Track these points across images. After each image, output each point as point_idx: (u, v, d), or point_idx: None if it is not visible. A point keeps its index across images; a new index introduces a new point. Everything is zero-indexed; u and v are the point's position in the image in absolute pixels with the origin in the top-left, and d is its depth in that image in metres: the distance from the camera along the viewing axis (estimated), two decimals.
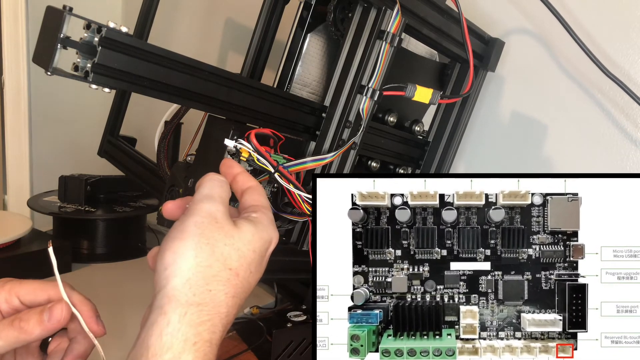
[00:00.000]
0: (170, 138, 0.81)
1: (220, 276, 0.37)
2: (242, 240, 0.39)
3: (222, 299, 0.36)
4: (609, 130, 0.92)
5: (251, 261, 0.39)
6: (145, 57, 0.46)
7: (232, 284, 0.37)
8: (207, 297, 0.35)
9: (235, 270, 0.37)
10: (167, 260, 0.36)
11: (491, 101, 1.03)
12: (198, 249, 0.36)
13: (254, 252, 0.39)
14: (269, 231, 0.41)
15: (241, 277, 0.38)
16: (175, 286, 0.35)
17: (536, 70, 0.98)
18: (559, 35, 0.88)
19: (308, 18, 0.69)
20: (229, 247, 0.38)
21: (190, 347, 0.34)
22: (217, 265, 0.37)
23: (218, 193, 0.40)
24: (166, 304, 0.35)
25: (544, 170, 0.98)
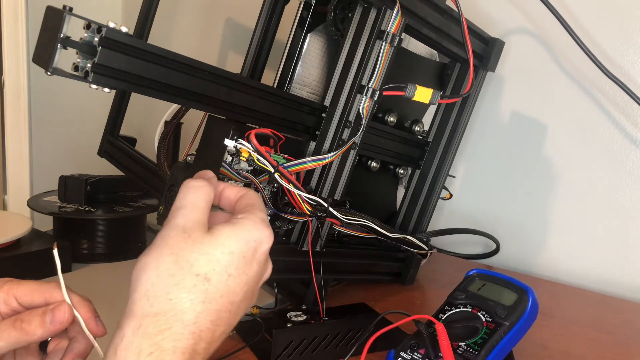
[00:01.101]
0: (170, 138, 0.81)
1: (183, 284, 0.36)
2: (213, 244, 0.37)
3: (186, 305, 0.35)
4: (609, 130, 0.92)
5: (228, 264, 0.37)
6: (145, 57, 0.46)
7: (201, 290, 0.36)
8: (167, 305, 0.35)
9: (203, 275, 0.36)
10: (133, 277, 0.36)
11: (491, 101, 1.03)
12: (160, 259, 0.36)
13: (231, 254, 0.38)
14: (254, 231, 0.39)
15: (214, 281, 0.37)
16: (134, 300, 0.35)
17: (536, 70, 0.98)
18: (559, 35, 0.88)
19: (308, 18, 0.69)
20: (195, 253, 0.37)
21: (144, 357, 0.33)
22: (181, 273, 0.36)
23: (191, 201, 0.39)
24: (123, 319, 0.35)
25: (544, 170, 0.98)
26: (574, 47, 0.85)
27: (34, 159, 1.40)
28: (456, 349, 0.50)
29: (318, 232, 0.66)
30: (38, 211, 0.99)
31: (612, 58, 0.89)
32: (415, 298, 0.81)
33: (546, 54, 0.97)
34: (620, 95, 0.87)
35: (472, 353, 0.49)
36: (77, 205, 1.01)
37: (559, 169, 0.97)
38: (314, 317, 0.60)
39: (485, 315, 0.53)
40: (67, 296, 0.42)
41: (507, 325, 0.51)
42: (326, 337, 0.59)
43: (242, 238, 0.38)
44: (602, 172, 0.92)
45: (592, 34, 0.90)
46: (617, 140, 0.91)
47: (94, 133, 1.04)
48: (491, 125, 1.04)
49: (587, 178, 0.94)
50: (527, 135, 1.00)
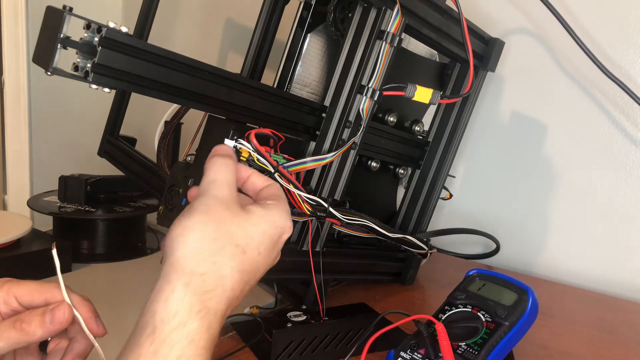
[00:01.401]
0: (170, 138, 0.81)
1: (225, 250, 0.37)
2: (250, 222, 0.39)
3: (226, 271, 0.37)
4: (609, 130, 0.92)
5: (260, 243, 0.39)
6: (145, 57, 0.46)
7: (239, 260, 0.38)
8: (211, 268, 0.36)
9: (242, 247, 0.38)
10: (174, 234, 0.37)
11: (491, 101, 1.03)
12: (203, 225, 0.37)
13: (263, 234, 0.40)
14: (282, 218, 0.41)
15: (248, 255, 0.39)
16: (180, 256, 0.36)
17: (536, 70, 0.98)
18: (559, 35, 0.88)
19: (308, 18, 0.69)
20: (235, 225, 0.38)
21: (195, 314, 0.35)
22: (223, 239, 0.38)
23: (224, 176, 0.41)
24: (171, 273, 0.36)
25: (544, 170, 0.98)
26: (574, 47, 0.85)
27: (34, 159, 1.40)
28: (456, 349, 0.50)
29: (318, 232, 0.66)
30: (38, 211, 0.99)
31: (612, 58, 0.89)
32: (415, 298, 0.81)
33: (546, 54, 0.97)
34: (620, 95, 0.87)
35: (472, 353, 0.49)
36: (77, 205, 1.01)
37: (559, 169, 0.97)
38: (314, 317, 0.60)
39: (485, 315, 0.53)
40: (66, 296, 0.42)
41: (507, 325, 0.51)
42: (326, 337, 0.59)
43: (272, 222, 0.41)
44: (602, 172, 0.92)
45: (592, 34, 0.90)
46: (617, 140, 0.91)
47: (94, 133, 1.04)
48: (491, 125, 1.04)
49: (587, 178, 0.94)
50: (527, 135, 1.00)
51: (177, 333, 0.34)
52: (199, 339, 0.34)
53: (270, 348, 0.55)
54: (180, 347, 0.33)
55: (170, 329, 0.34)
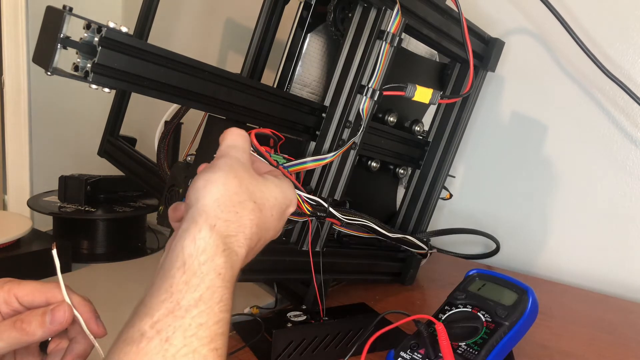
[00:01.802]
0: (170, 138, 0.81)
1: (245, 204, 0.40)
2: (266, 185, 0.43)
3: (246, 222, 0.40)
4: (609, 130, 0.92)
5: (272, 206, 0.43)
6: (145, 57, 0.46)
7: (256, 215, 0.41)
8: (234, 216, 0.39)
9: (259, 204, 0.41)
10: (199, 185, 0.40)
11: (491, 101, 1.03)
12: (227, 179, 0.40)
13: (276, 199, 0.43)
14: (290, 191, 0.45)
15: (264, 213, 0.42)
16: (206, 203, 0.39)
17: (536, 70, 0.98)
18: (559, 35, 0.88)
19: (308, 18, 0.69)
20: (253, 186, 0.42)
21: (220, 252, 0.37)
22: (243, 195, 0.40)
23: (242, 144, 0.44)
24: (197, 216, 0.38)
25: (544, 170, 0.98)
26: (574, 47, 0.85)
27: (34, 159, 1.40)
28: (456, 349, 0.50)
29: (318, 232, 0.66)
30: (38, 211, 0.99)
31: (612, 58, 0.89)
32: (415, 298, 0.81)
33: (546, 54, 0.97)
34: (620, 95, 0.87)
35: (472, 353, 0.49)
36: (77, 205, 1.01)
37: (559, 169, 0.97)
38: (314, 317, 0.60)
39: (485, 315, 0.53)
40: (67, 296, 0.42)
41: (507, 325, 0.51)
42: (326, 337, 0.59)
43: (283, 192, 0.44)
44: (602, 172, 0.92)
45: (592, 34, 0.90)
46: (617, 140, 0.91)
47: (94, 133, 1.04)
48: (491, 125, 1.04)
49: (587, 178, 0.94)
50: (527, 135, 1.00)
51: (205, 266, 0.35)
52: (225, 273, 0.36)
53: (270, 348, 0.55)
54: (209, 279, 0.35)
55: (199, 262, 0.35)
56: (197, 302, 0.34)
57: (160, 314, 0.33)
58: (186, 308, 0.33)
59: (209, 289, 0.35)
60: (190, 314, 0.33)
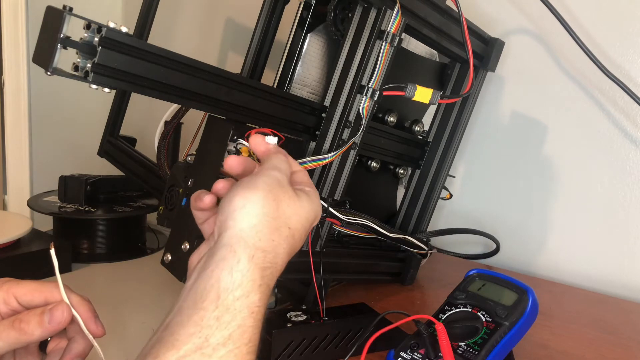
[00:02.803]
0: (170, 138, 0.81)
1: (281, 231, 0.39)
2: (301, 206, 0.41)
3: (280, 252, 0.39)
4: (609, 130, 0.92)
5: (302, 227, 0.41)
6: (145, 57, 0.46)
7: (289, 243, 0.40)
8: (270, 245, 0.38)
9: (292, 230, 0.40)
10: (236, 204, 0.38)
11: (491, 101, 1.03)
12: (266, 200, 0.38)
13: (306, 220, 0.42)
14: (319, 205, 0.44)
15: (296, 238, 0.41)
16: (244, 228, 0.37)
17: (536, 70, 0.98)
18: (559, 35, 0.88)
19: (308, 18, 0.69)
20: (291, 208, 0.40)
21: (257, 288, 0.36)
22: (280, 221, 0.39)
23: (284, 167, 0.43)
24: (235, 243, 0.36)
25: (544, 170, 0.98)
26: (574, 47, 0.85)
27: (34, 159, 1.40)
28: (456, 349, 0.50)
29: (318, 232, 0.66)
30: (38, 211, 0.99)
31: (612, 58, 0.89)
32: (415, 298, 0.81)
33: (546, 54, 0.97)
34: (620, 95, 0.87)
35: (472, 353, 0.49)
36: (77, 205, 1.01)
37: (559, 169, 0.97)
38: (314, 317, 0.60)
39: (485, 315, 0.53)
40: (65, 296, 0.42)
41: (507, 325, 0.51)
42: (326, 337, 0.59)
43: (312, 209, 0.43)
44: (602, 172, 0.92)
45: (592, 34, 0.90)
46: (617, 140, 0.91)
47: (94, 133, 1.04)
48: (491, 125, 1.04)
49: (587, 178, 0.94)
50: (527, 135, 1.00)
51: (239, 303, 0.34)
52: (258, 312, 0.35)
53: (270, 348, 0.55)
54: (241, 317, 0.34)
55: (234, 298, 0.34)
56: (227, 341, 0.33)
57: (187, 348, 0.32)
58: (214, 347, 0.32)
59: (240, 328, 0.34)
60: (218, 353, 0.32)
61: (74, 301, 0.42)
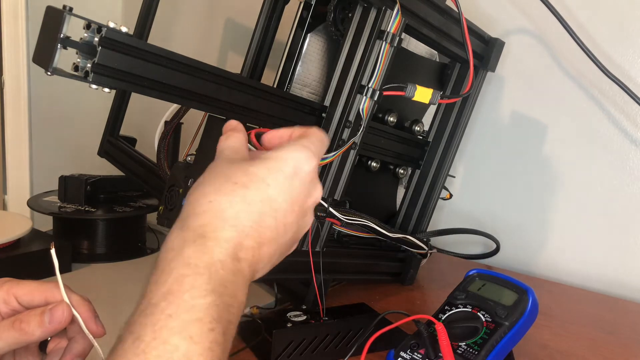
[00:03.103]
0: (170, 138, 0.81)
1: (222, 189, 0.38)
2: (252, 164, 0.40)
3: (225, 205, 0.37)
4: (609, 130, 0.92)
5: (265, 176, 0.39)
6: (145, 57, 0.46)
7: (238, 193, 0.38)
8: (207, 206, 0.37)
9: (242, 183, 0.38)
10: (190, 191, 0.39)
11: (491, 101, 1.03)
12: (202, 178, 0.39)
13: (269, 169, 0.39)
14: (292, 153, 0.40)
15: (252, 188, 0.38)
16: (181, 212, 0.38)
17: (536, 70, 0.98)
18: (559, 35, 0.88)
19: (308, 18, 0.69)
20: (234, 169, 0.39)
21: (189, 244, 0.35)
22: (219, 181, 0.38)
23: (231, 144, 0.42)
24: None
25: (544, 170, 0.98)
26: (574, 47, 0.85)
27: (34, 159, 1.40)
28: (456, 349, 0.50)
29: (318, 232, 0.66)
30: (38, 211, 0.99)
31: (612, 58, 0.89)
32: (415, 298, 0.81)
33: (546, 54, 0.97)
34: (620, 95, 0.87)
35: (472, 353, 0.49)
36: (77, 205, 1.01)
37: (559, 169, 0.97)
38: (314, 317, 0.60)
39: (485, 315, 0.53)
40: (65, 296, 0.42)
41: (507, 325, 0.51)
42: (326, 337, 0.59)
43: (278, 158, 0.39)
44: (602, 172, 0.92)
45: (592, 34, 0.90)
46: (617, 140, 0.91)
47: (94, 133, 1.04)
48: (491, 125, 1.04)
49: (587, 178, 0.94)
50: (527, 135, 1.00)
51: (174, 262, 0.34)
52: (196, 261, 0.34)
53: (270, 348, 0.55)
54: (177, 271, 0.33)
55: (167, 260, 0.34)
56: (166, 295, 0.32)
57: (134, 316, 0.33)
58: (154, 304, 0.32)
59: (177, 281, 0.33)
60: (159, 308, 0.32)
61: (74, 301, 0.42)
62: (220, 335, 0.32)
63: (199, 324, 0.31)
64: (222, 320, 0.33)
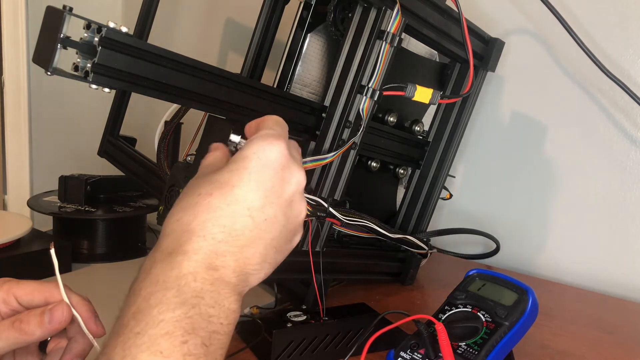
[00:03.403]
0: (170, 138, 0.81)
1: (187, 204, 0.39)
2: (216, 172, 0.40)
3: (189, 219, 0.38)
4: (609, 130, 0.92)
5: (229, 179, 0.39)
6: (145, 57, 0.46)
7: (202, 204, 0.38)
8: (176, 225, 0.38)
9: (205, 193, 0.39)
10: None
11: (491, 101, 1.03)
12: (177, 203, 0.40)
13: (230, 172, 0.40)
14: (252, 147, 0.40)
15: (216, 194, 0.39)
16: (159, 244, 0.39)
17: (536, 70, 0.98)
18: (559, 35, 0.88)
19: (308, 18, 0.69)
20: (200, 180, 0.40)
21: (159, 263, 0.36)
22: (185, 198, 0.39)
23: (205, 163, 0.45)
24: None
25: (544, 170, 0.98)
26: (574, 47, 0.85)
27: (34, 159, 1.40)
28: (456, 349, 0.50)
29: (318, 232, 0.66)
30: (38, 211, 0.99)
31: (612, 58, 0.89)
32: (415, 298, 0.81)
33: (546, 54, 0.97)
34: (620, 95, 0.87)
35: (472, 353, 0.49)
36: (77, 205, 1.01)
37: (559, 168, 0.97)
38: (314, 317, 0.60)
39: (485, 315, 0.53)
40: (65, 296, 0.42)
41: (507, 325, 0.51)
42: (326, 337, 0.59)
43: (240, 157, 0.39)
44: (602, 172, 0.92)
45: (592, 34, 0.90)
46: (617, 140, 0.91)
47: (94, 133, 1.04)
48: (491, 125, 1.04)
49: (587, 178, 0.94)
50: (527, 135, 1.00)
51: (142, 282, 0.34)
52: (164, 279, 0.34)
53: (270, 348, 0.55)
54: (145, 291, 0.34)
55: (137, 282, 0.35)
56: (135, 314, 0.33)
57: (107, 339, 0.33)
58: (125, 324, 0.32)
59: (145, 299, 0.33)
60: (128, 327, 0.32)
61: (74, 301, 0.42)
62: (196, 347, 0.32)
63: (168, 338, 0.31)
64: (198, 331, 0.32)
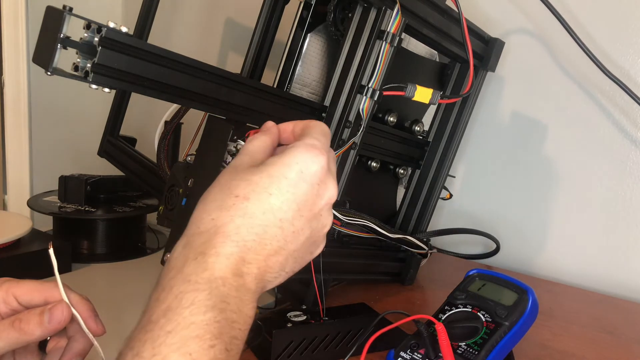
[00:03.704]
0: (170, 138, 0.81)
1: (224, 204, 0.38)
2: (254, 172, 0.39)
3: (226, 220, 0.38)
4: (609, 130, 0.92)
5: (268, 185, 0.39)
6: (145, 57, 0.46)
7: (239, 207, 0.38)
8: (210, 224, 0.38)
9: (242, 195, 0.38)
10: None
11: (491, 101, 1.03)
12: (207, 192, 0.40)
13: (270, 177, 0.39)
14: (297, 155, 0.39)
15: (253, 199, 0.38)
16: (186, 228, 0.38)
17: (536, 70, 0.98)
18: (559, 35, 0.88)
19: (308, 18, 0.69)
20: (237, 180, 0.39)
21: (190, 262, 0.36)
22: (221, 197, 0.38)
23: (244, 149, 0.42)
24: None
25: (544, 170, 0.98)
26: (574, 47, 0.85)
27: (34, 159, 1.40)
28: (456, 349, 0.50)
29: None
30: (38, 211, 0.99)
31: (612, 58, 0.89)
32: (415, 298, 0.81)
33: (546, 54, 0.97)
34: (620, 95, 0.87)
35: (472, 353, 0.49)
36: (77, 205, 1.01)
37: (559, 169, 0.97)
38: (314, 317, 0.60)
39: (485, 315, 0.53)
40: (64, 295, 0.42)
41: (507, 325, 0.51)
42: (326, 337, 0.59)
43: (282, 164, 0.38)
44: (602, 172, 0.92)
45: (592, 34, 0.90)
46: (617, 140, 0.91)
47: (94, 133, 1.04)
48: (491, 125, 1.04)
49: (587, 178, 0.94)
50: (527, 135, 1.00)
51: (174, 279, 0.34)
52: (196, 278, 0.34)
53: (270, 348, 0.55)
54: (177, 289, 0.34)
55: (168, 279, 0.35)
56: (165, 312, 0.33)
57: (134, 333, 0.33)
58: (154, 320, 0.32)
59: (176, 298, 0.33)
60: (158, 325, 0.32)
61: (73, 300, 0.42)
62: (221, 352, 0.32)
63: (198, 341, 0.31)
64: (223, 336, 0.33)
